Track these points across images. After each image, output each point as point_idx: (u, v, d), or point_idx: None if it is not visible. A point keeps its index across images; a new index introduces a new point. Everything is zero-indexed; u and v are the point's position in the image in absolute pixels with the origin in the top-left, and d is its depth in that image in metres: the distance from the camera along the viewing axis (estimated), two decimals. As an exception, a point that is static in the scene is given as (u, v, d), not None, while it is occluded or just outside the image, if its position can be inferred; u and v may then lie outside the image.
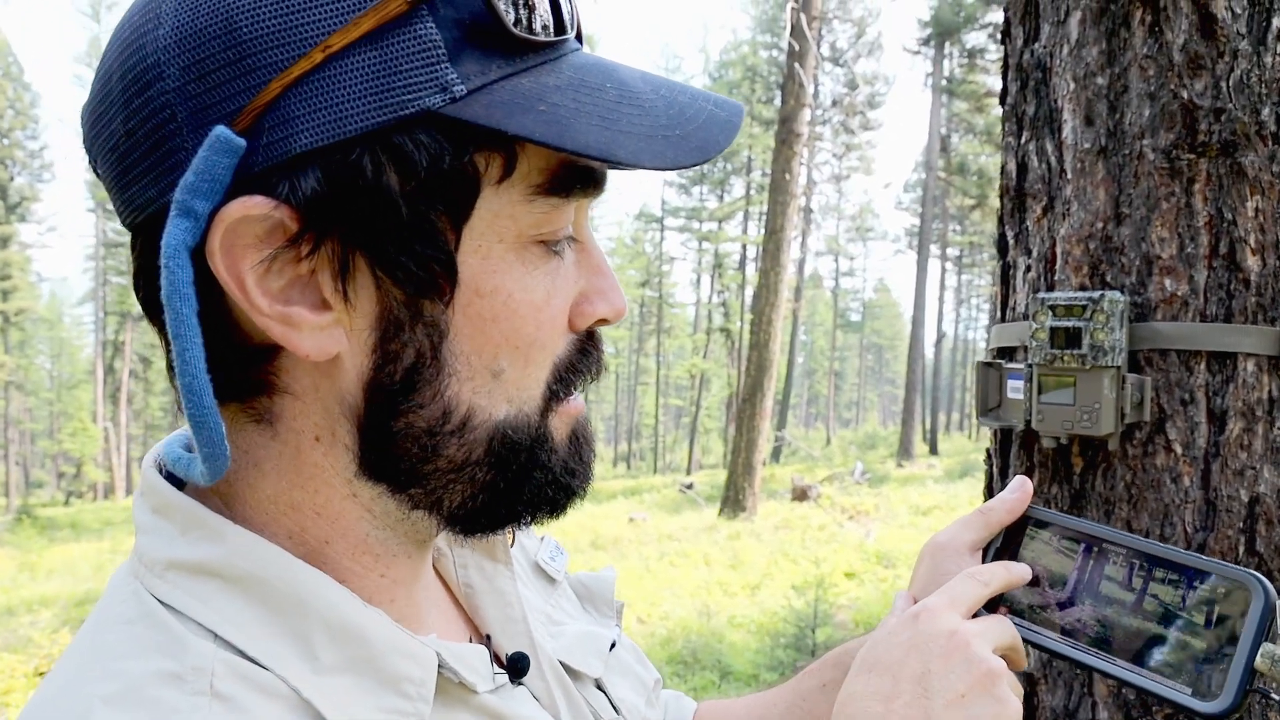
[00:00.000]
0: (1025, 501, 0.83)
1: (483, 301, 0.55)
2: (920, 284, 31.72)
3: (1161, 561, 0.72)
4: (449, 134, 0.51)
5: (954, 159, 33.87)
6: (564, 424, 0.62)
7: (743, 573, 11.46)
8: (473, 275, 0.54)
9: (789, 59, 15.59)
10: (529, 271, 0.56)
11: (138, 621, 0.53)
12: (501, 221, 0.55)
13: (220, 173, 0.49)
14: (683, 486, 21.53)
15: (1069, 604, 0.76)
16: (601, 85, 0.55)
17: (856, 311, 69.28)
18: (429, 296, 0.53)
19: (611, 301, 0.62)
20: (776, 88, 35.15)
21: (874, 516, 15.27)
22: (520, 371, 0.57)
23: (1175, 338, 1.50)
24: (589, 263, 0.62)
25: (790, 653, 7.43)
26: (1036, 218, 1.70)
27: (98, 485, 39.95)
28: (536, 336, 0.57)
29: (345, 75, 0.49)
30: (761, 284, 16.06)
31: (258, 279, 0.51)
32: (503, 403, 0.57)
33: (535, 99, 0.52)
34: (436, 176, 0.51)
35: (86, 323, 54.96)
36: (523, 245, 0.56)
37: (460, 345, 0.55)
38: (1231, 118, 1.48)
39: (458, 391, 0.56)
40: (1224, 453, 1.48)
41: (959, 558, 0.83)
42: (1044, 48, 1.70)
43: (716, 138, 0.56)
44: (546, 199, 0.55)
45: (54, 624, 9.77)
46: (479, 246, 0.54)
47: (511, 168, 0.54)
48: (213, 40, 0.49)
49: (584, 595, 0.89)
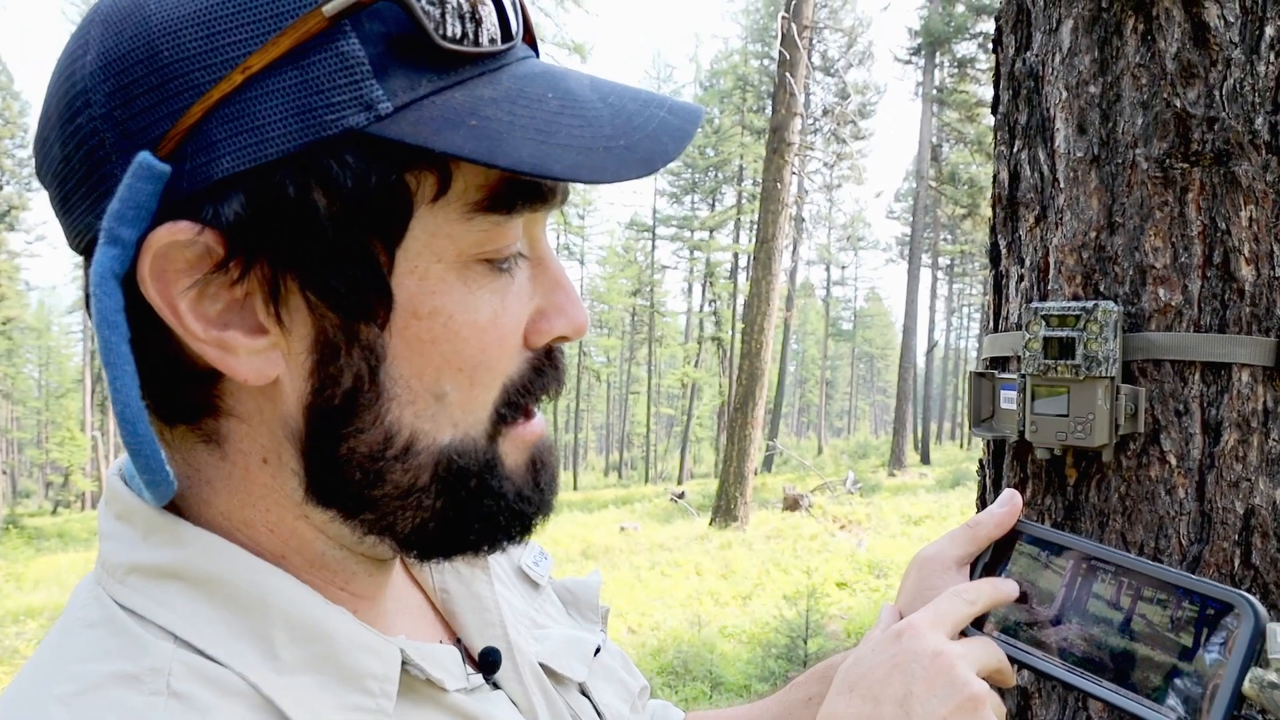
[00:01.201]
0: (1014, 516, 0.81)
1: (421, 324, 0.53)
2: (911, 293, 31.77)
3: (1150, 580, 0.71)
4: (376, 153, 0.49)
5: (945, 168, 33.99)
6: (518, 449, 0.60)
7: (734, 582, 11.43)
8: (409, 297, 0.52)
9: (780, 68, 15.64)
10: (471, 292, 0.54)
11: (99, 625, 0.53)
12: (439, 241, 0.53)
13: (144, 199, 0.48)
14: (674, 496, 21.49)
15: (1057, 621, 0.74)
16: (542, 95, 0.53)
17: (848, 320, 69.44)
18: (364, 320, 0.52)
19: (570, 317, 0.59)
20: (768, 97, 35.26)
21: (866, 526, 15.26)
22: (465, 394, 0.55)
23: (1169, 348, 1.49)
24: (545, 278, 0.59)
25: (782, 663, 7.40)
26: (1029, 227, 1.69)
27: (85, 495, 39.73)
28: (481, 359, 0.55)
29: (266, 97, 0.48)
30: (753, 293, 16.07)
31: (190, 304, 0.50)
32: (447, 427, 0.55)
33: (467, 113, 0.50)
34: (364, 197, 0.49)
35: (75, 331, 54.75)
36: (465, 265, 0.54)
37: (399, 369, 0.53)
38: (1225, 127, 1.47)
39: (399, 416, 0.54)
40: (1219, 464, 1.47)
41: (945, 572, 0.82)
42: (1036, 56, 1.69)
43: (665, 147, 0.53)
44: (486, 216, 0.53)
45: (40, 635, 9.70)
46: (415, 267, 0.52)
47: (446, 186, 0.52)
48: (136, 65, 0.48)
49: (568, 600, 0.88)
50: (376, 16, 0.49)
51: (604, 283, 48.88)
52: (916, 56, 33.42)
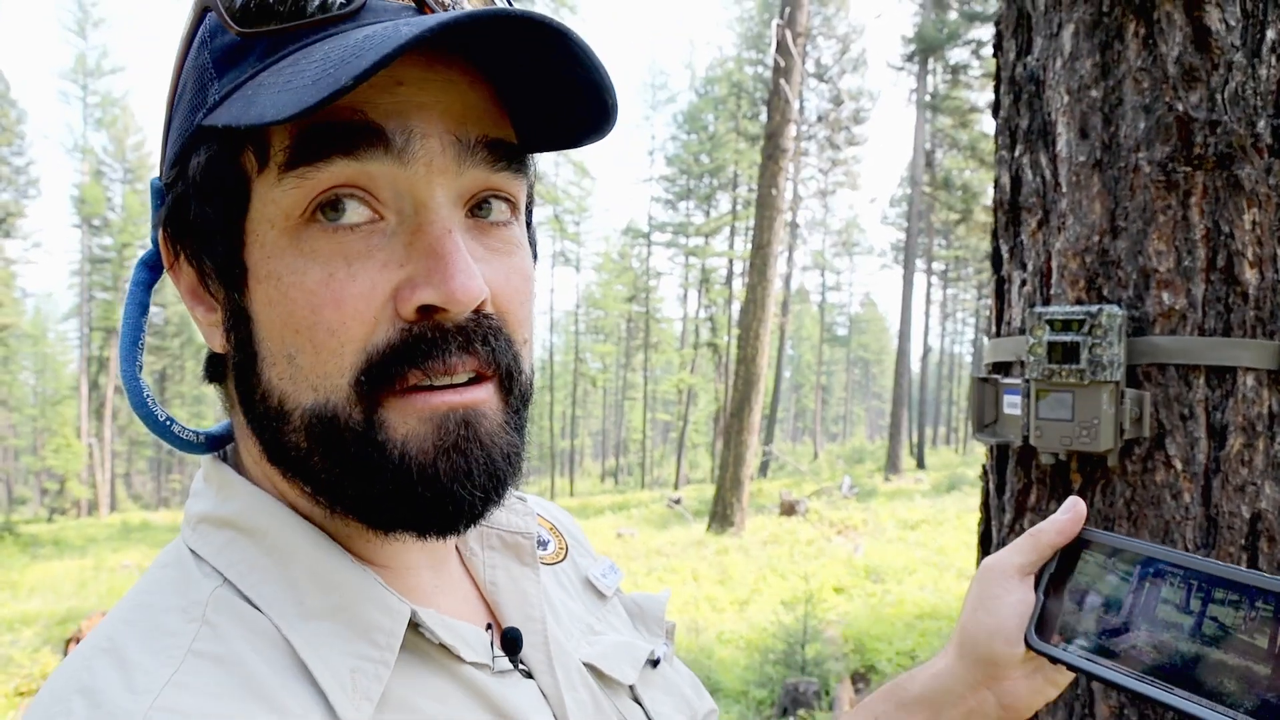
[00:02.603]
0: (1078, 523, 0.80)
1: (262, 287, 0.58)
2: (906, 298, 31.80)
3: (1221, 581, 0.68)
4: (215, 141, 0.57)
5: (939, 174, 34.03)
6: (410, 419, 0.57)
7: (731, 588, 11.41)
8: (255, 263, 0.58)
9: (774, 75, 15.66)
10: (303, 254, 0.56)
11: (170, 566, 0.63)
12: (269, 208, 0.57)
13: (154, 210, 0.64)
14: (670, 501, 21.47)
15: (1125, 630, 0.72)
16: (326, 54, 0.52)
17: (843, 326, 69.46)
18: (233, 289, 0.59)
19: (439, 285, 0.55)
20: (762, 104, 35.28)
21: (862, 531, 15.24)
22: (311, 357, 0.56)
23: (1174, 352, 1.48)
24: (421, 244, 0.56)
25: (779, 669, 7.38)
26: (1031, 231, 1.69)
27: (81, 502, 39.58)
28: (316, 320, 0.56)
29: (176, 118, 0.61)
30: (748, 299, 16.07)
31: (184, 288, 0.63)
32: (308, 390, 0.57)
33: (256, 87, 0.54)
34: (209, 180, 0.58)
35: (71, 339, 54.63)
36: (296, 228, 0.56)
37: (260, 332, 0.59)
38: (1227, 130, 1.47)
39: (269, 378, 0.59)
40: (1224, 468, 1.46)
41: (1007, 581, 0.81)
42: (1037, 60, 1.69)
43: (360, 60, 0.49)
44: (292, 174, 0.55)
45: (35, 643, 9.64)
46: (257, 236, 0.58)
47: (265, 157, 0.56)
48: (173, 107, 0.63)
49: (635, 614, 0.90)
50: (216, 31, 0.58)
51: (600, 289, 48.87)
52: (910, 63, 33.49)
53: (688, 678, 0.90)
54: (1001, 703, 0.83)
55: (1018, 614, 0.80)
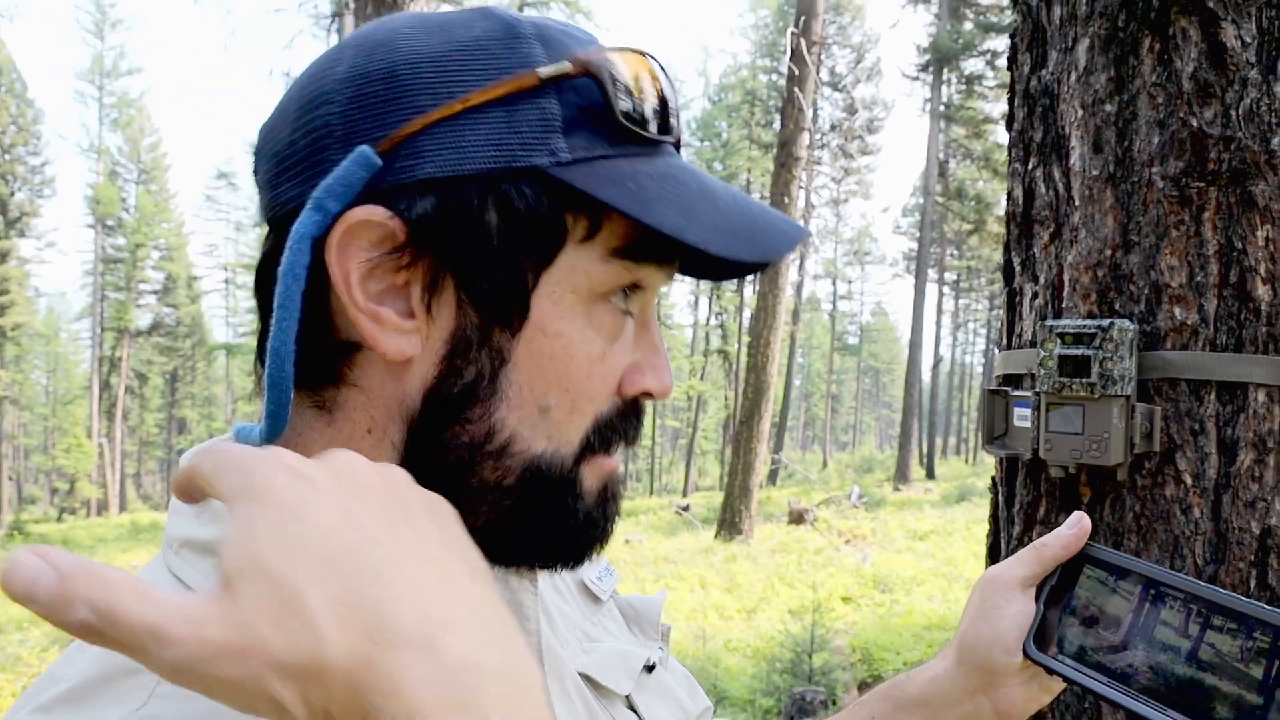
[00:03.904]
0: (1082, 538, 0.81)
1: (545, 340, 0.61)
2: (918, 308, 31.74)
3: (1221, 609, 0.69)
4: (549, 191, 0.59)
5: (952, 184, 33.99)
6: (596, 477, 0.66)
7: (739, 596, 11.40)
8: (542, 315, 0.61)
9: (788, 83, 15.67)
10: (591, 325, 0.62)
11: None
12: (577, 275, 0.61)
13: (355, 181, 0.58)
14: (679, 508, 21.45)
15: (1123, 647, 0.73)
16: (687, 181, 0.62)
17: (854, 335, 69.31)
18: (499, 324, 0.60)
19: (660, 378, 0.67)
20: (776, 112, 35.30)
21: (871, 540, 15.21)
22: (565, 413, 0.62)
23: (1185, 367, 1.48)
24: (647, 339, 0.67)
25: (787, 678, 7.37)
26: (1044, 244, 1.69)
27: (91, 502, 39.73)
28: (586, 385, 0.62)
29: (475, 126, 0.58)
30: (759, 306, 16.07)
31: (360, 277, 0.59)
32: (543, 438, 0.62)
33: (627, 178, 0.60)
34: (530, 223, 0.59)
35: (83, 338, 54.84)
36: (592, 301, 0.62)
37: (516, 375, 0.61)
38: (1241, 146, 1.47)
39: (505, 416, 0.61)
40: (1235, 484, 1.46)
41: (1009, 593, 0.83)
42: (1051, 74, 1.70)
43: (779, 245, 0.62)
44: (620, 261, 0.62)
45: (43, 642, 9.70)
46: (553, 292, 0.61)
47: (595, 230, 0.61)
48: (376, 81, 0.59)
49: (631, 616, 0.92)
50: (576, 88, 0.60)
51: (610, 295, 48.80)
52: (924, 73, 33.48)
53: (682, 677, 0.91)
54: (996, 708, 0.85)
55: (1017, 625, 0.82)
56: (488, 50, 0.60)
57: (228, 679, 0.37)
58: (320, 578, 0.37)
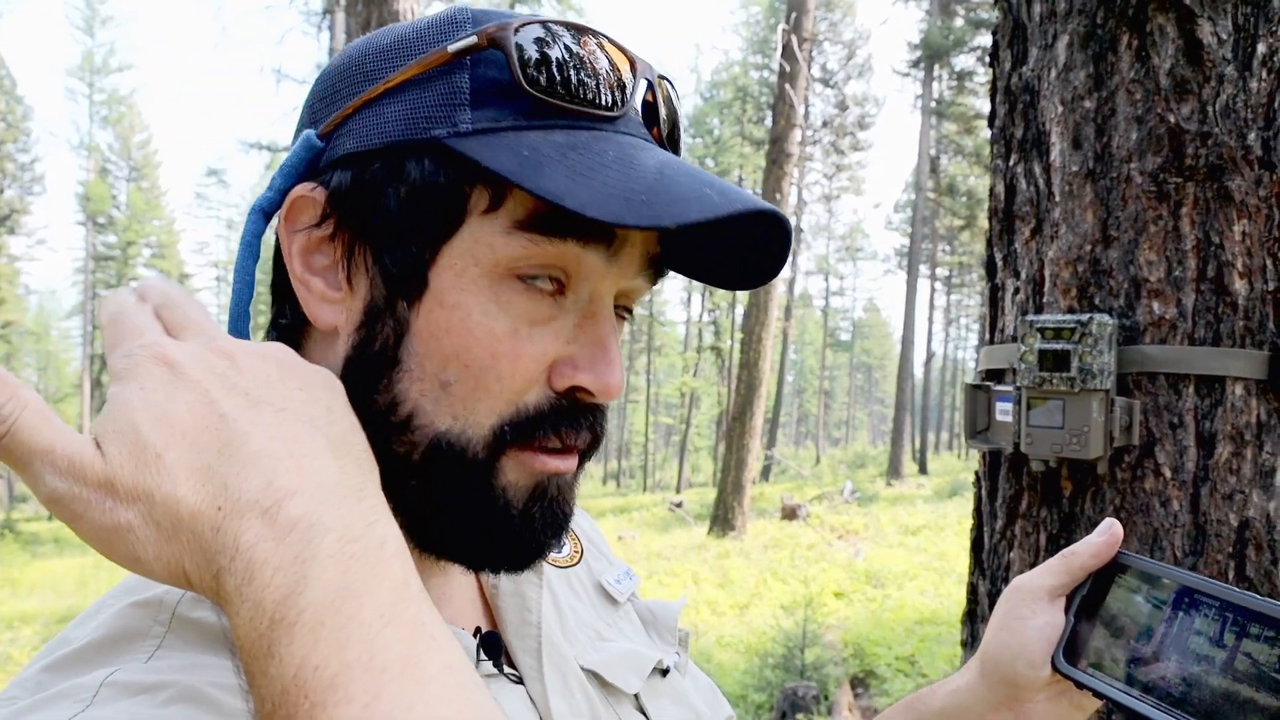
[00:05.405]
0: (1114, 546, 0.78)
1: (443, 311, 0.60)
2: (910, 304, 31.79)
3: (1257, 616, 0.66)
4: (447, 163, 0.59)
5: (943, 180, 34.05)
6: (523, 473, 0.63)
7: (731, 592, 11.42)
8: (441, 287, 0.60)
9: (780, 80, 15.68)
10: (497, 301, 0.60)
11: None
12: (480, 248, 0.60)
13: (298, 161, 0.63)
14: (672, 505, 21.47)
15: (1156, 659, 0.70)
16: (604, 152, 0.59)
17: (846, 331, 69.43)
18: (401, 295, 0.61)
19: (600, 375, 0.62)
20: (767, 108, 35.32)
21: (863, 536, 15.25)
22: (468, 391, 0.60)
23: (1164, 361, 1.50)
24: (592, 333, 0.63)
25: (779, 673, 7.39)
26: (1025, 240, 1.70)
27: (83, 500, 39.50)
28: (490, 364, 0.60)
29: (392, 104, 0.61)
30: (751, 303, 16.09)
31: (300, 249, 0.63)
32: (447, 415, 0.61)
33: (525, 147, 0.58)
34: (428, 194, 0.60)
35: (74, 336, 54.65)
36: (499, 276, 0.60)
37: (416, 345, 0.61)
38: (1218, 142, 1.49)
39: (407, 388, 0.61)
40: (1213, 477, 1.48)
41: (1035, 603, 0.80)
42: (1032, 71, 1.71)
43: (685, 210, 0.56)
44: (524, 234, 0.59)
45: (34, 641, 9.67)
46: (454, 264, 0.60)
47: (499, 202, 0.59)
48: (334, 75, 0.66)
49: (648, 620, 0.91)
50: (488, 62, 0.60)
51: (603, 291, 48.74)
52: (915, 69, 33.52)
53: (704, 686, 0.89)
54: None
55: (1044, 637, 0.79)
56: (423, 37, 0.62)
57: (96, 522, 0.44)
58: (179, 446, 0.45)
